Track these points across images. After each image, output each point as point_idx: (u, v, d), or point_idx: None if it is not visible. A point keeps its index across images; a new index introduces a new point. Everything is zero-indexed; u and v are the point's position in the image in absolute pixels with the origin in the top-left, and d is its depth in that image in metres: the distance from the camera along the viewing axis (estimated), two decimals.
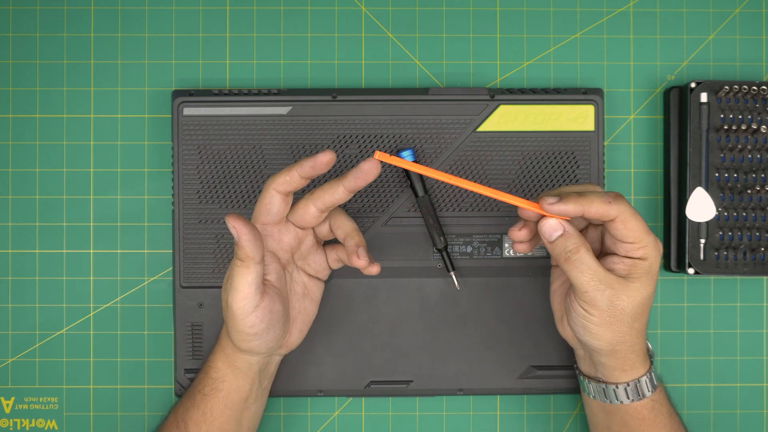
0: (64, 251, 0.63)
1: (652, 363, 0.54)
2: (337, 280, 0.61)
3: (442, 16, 0.64)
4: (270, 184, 0.51)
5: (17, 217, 0.63)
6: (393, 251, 0.61)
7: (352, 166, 0.60)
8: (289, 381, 0.61)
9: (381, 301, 0.61)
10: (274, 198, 0.52)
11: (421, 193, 0.58)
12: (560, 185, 0.61)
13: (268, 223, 0.53)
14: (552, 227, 0.50)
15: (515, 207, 0.51)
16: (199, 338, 0.61)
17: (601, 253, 0.53)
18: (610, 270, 0.50)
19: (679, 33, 0.64)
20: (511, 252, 0.60)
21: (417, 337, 0.61)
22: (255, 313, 0.51)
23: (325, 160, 0.50)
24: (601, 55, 0.64)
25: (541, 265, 0.61)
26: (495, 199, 0.60)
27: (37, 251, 0.63)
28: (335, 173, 0.60)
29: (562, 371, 0.61)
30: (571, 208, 0.49)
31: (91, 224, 0.63)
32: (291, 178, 0.51)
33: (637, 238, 0.49)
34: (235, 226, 0.49)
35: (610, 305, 0.49)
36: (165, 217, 0.63)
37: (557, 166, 0.61)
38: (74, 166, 0.63)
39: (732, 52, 0.64)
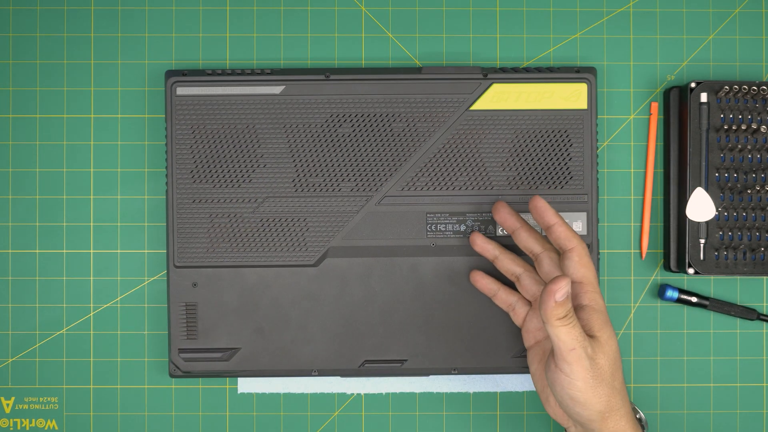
0: (64, 251, 0.63)
1: None
2: (331, 259, 0.60)
3: (442, 16, 0.64)
4: None
5: (17, 217, 0.63)
6: (387, 230, 0.60)
7: (345, 146, 0.60)
8: (283, 361, 0.60)
9: (375, 280, 0.60)
10: None
11: None
12: (553, 163, 0.60)
13: None
14: (564, 290, 0.49)
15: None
16: (193, 318, 0.60)
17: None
18: None
19: (679, 33, 0.64)
20: (505, 230, 0.60)
21: (411, 316, 0.61)
22: None
23: None
24: (601, 55, 0.64)
25: None
26: (487, 177, 0.60)
27: (37, 251, 0.63)
28: (332, 153, 0.60)
29: None
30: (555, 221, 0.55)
31: (91, 224, 0.63)
32: None
33: (585, 276, 0.53)
34: None
35: (592, 364, 0.50)
36: (165, 217, 0.63)
37: (550, 144, 0.61)
38: (74, 166, 0.63)
39: (732, 52, 0.64)
